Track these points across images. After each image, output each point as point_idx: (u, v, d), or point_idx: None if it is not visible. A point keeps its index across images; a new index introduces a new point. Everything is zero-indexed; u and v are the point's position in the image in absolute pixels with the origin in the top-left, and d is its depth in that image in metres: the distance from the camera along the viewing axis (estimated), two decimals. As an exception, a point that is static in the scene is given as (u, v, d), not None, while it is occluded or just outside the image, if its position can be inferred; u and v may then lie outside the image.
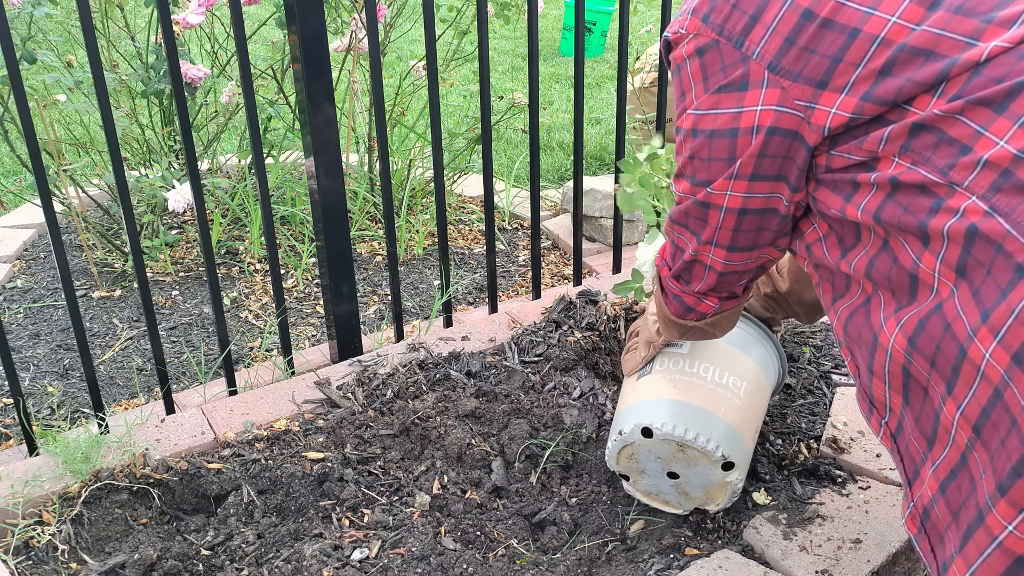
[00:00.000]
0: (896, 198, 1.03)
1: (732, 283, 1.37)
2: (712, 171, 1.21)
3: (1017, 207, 0.91)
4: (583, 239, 3.00)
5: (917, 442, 1.07)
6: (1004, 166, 0.93)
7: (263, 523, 1.65)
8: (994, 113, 0.95)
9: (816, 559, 1.54)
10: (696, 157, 1.22)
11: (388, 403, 1.89)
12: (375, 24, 1.90)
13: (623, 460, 1.62)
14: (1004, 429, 0.90)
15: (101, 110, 1.71)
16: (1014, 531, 0.89)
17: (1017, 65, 0.95)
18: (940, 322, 0.98)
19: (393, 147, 3.21)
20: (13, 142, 2.73)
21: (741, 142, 1.15)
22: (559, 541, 1.63)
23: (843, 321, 1.17)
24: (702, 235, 1.30)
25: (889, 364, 1.06)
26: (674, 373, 1.62)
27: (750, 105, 1.12)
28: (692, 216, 1.29)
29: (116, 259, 2.84)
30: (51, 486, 1.66)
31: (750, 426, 1.60)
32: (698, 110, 1.19)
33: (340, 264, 2.05)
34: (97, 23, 2.84)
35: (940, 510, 1.02)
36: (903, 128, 1.02)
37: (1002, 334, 0.90)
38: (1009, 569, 0.90)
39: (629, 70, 3.36)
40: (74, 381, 2.30)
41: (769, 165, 1.16)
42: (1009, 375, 0.89)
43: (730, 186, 1.20)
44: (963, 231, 0.95)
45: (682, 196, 1.28)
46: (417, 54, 5.28)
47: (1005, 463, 0.89)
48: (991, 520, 0.91)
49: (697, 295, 1.40)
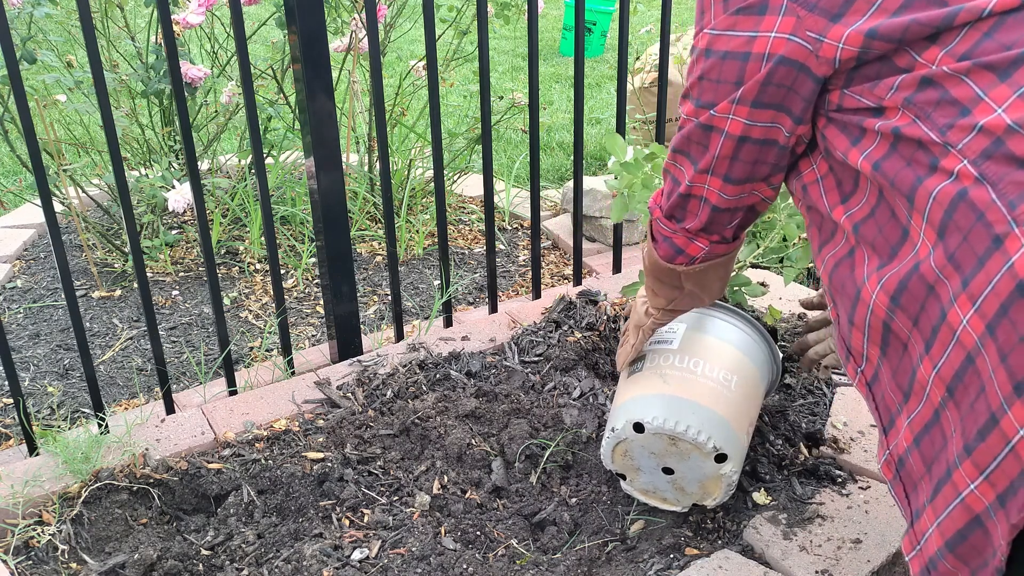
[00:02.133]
0: (898, 150, 1.04)
1: (724, 223, 1.35)
2: (718, 93, 1.20)
3: (1004, 177, 0.93)
4: (583, 239, 3.00)
5: (893, 393, 1.10)
6: (998, 134, 0.95)
7: (263, 523, 1.65)
8: (997, 79, 0.97)
9: (816, 559, 1.54)
10: (705, 78, 1.21)
11: (388, 403, 1.89)
12: (375, 24, 1.90)
13: (618, 458, 1.62)
14: (974, 393, 0.94)
15: (101, 110, 1.71)
16: (975, 490, 0.93)
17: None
18: (921, 284, 1.00)
19: (393, 147, 3.21)
20: (13, 142, 2.73)
21: (751, 67, 1.15)
22: (559, 541, 1.63)
23: (828, 270, 1.19)
24: (700, 162, 1.28)
25: (870, 318, 1.09)
26: (664, 369, 1.62)
27: (765, 31, 1.12)
28: (694, 141, 1.27)
29: (116, 259, 2.84)
30: (51, 486, 1.66)
31: (743, 419, 1.60)
32: (715, 30, 1.18)
33: (340, 264, 2.05)
34: (97, 23, 2.84)
35: (914, 461, 1.06)
36: (913, 80, 1.03)
37: (979, 303, 0.92)
38: (967, 525, 0.95)
39: (629, 70, 3.36)
40: (74, 381, 2.30)
41: (773, 94, 1.15)
42: (982, 343, 0.92)
43: (732, 110, 1.20)
44: (952, 194, 0.97)
45: (686, 119, 1.27)
46: (417, 54, 5.28)
47: (972, 425, 0.93)
48: (957, 477, 0.96)
49: (688, 234, 1.37)
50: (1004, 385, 0.89)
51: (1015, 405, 0.88)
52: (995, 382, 0.91)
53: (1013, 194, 0.92)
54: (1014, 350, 0.88)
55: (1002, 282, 0.90)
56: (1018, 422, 0.88)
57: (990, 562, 0.94)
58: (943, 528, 0.98)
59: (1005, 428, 0.89)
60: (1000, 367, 0.90)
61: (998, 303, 0.90)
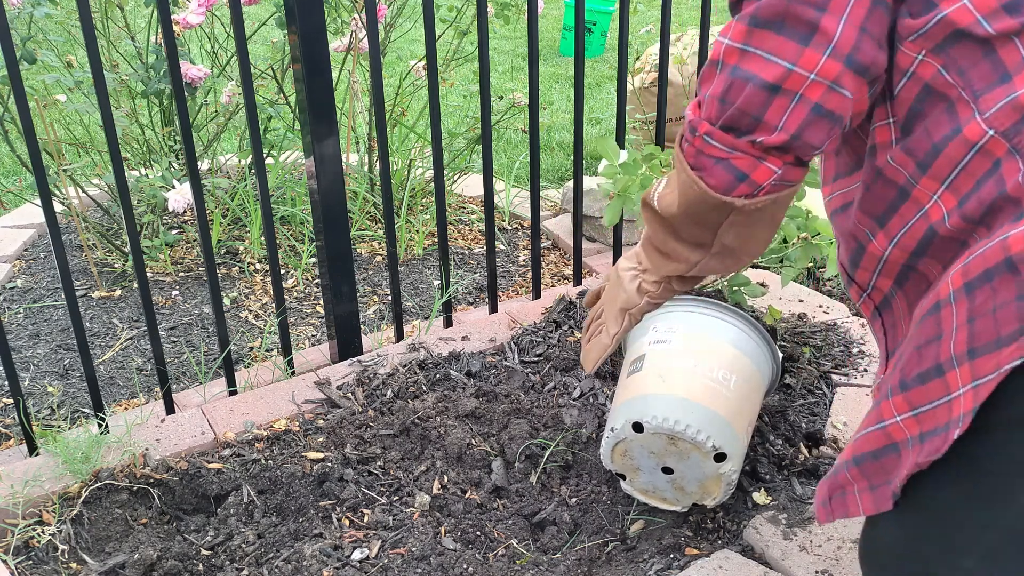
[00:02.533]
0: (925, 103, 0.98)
1: (818, 137, 1.01)
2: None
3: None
4: (583, 239, 3.00)
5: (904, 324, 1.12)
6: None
7: (263, 523, 1.65)
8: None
9: (816, 559, 1.54)
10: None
11: (388, 403, 1.89)
12: (375, 24, 1.90)
13: (617, 458, 1.62)
14: (925, 338, 0.96)
15: (101, 110, 1.71)
16: (900, 422, 0.98)
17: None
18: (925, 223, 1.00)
19: (393, 147, 3.21)
20: (13, 142, 2.73)
21: None
22: (559, 541, 1.63)
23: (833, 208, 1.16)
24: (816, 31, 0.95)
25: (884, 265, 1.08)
26: (663, 368, 1.62)
27: None
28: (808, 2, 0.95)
29: (116, 259, 2.84)
30: (51, 486, 1.66)
31: (742, 418, 1.60)
32: None
33: (340, 264, 2.05)
34: (97, 23, 2.84)
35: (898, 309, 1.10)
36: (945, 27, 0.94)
37: (967, 261, 0.93)
38: (884, 448, 1.01)
39: (629, 70, 3.36)
40: (74, 381, 2.30)
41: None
42: (955, 297, 0.93)
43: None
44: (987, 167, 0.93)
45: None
46: (417, 54, 5.28)
47: (915, 367, 0.97)
48: (885, 407, 1.00)
49: (758, 151, 1.03)
50: (960, 344, 0.91)
51: (963, 366, 0.91)
52: (953, 338, 0.92)
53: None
54: (983, 317, 0.89)
55: (993, 249, 0.90)
56: (962, 381, 0.91)
57: (893, 482, 1.00)
58: (857, 444, 1.04)
59: (950, 380, 0.92)
60: (965, 327, 0.91)
61: (983, 267, 0.90)
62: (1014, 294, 0.87)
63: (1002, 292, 0.88)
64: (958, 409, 0.92)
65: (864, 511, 1.05)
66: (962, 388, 0.91)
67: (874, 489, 1.03)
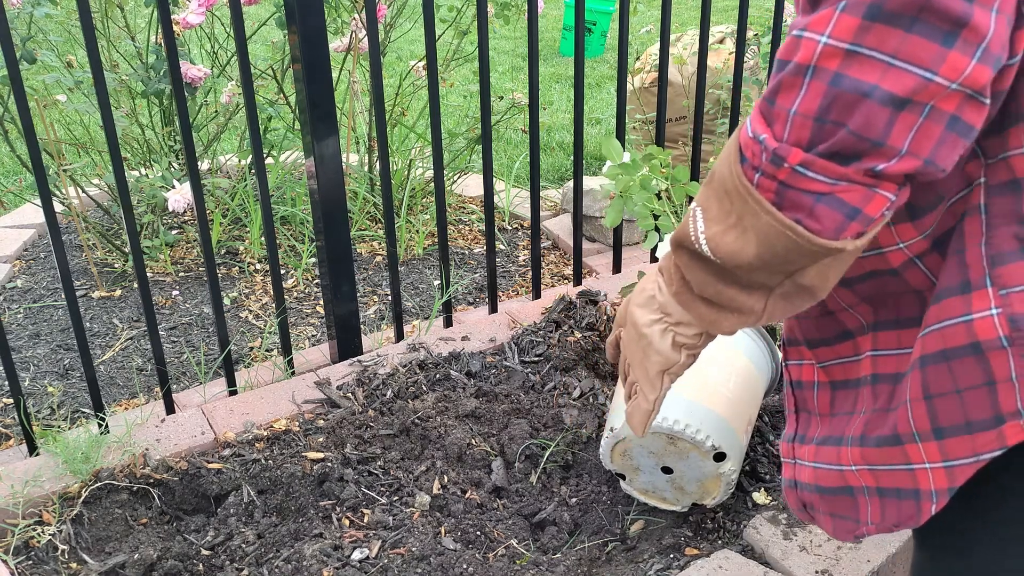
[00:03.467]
0: None
1: (951, 155, 0.77)
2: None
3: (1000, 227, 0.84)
4: (583, 239, 3.00)
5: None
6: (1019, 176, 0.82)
7: (263, 523, 1.65)
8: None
9: (816, 559, 1.54)
10: None
11: (388, 403, 1.89)
12: (375, 24, 1.90)
13: (617, 457, 1.62)
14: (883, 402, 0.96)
15: (101, 110, 1.71)
16: (855, 471, 0.98)
17: None
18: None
19: (393, 147, 3.21)
20: (13, 142, 2.73)
21: None
22: (559, 541, 1.63)
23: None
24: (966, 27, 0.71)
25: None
26: None
27: None
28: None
29: (116, 259, 2.84)
30: (51, 486, 1.66)
31: (741, 417, 1.60)
32: None
33: (340, 264, 2.05)
34: (97, 23, 2.84)
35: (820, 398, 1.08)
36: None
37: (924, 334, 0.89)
38: (840, 488, 1.01)
39: (629, 70, 3.36)
40: (74, 381, 2.30)
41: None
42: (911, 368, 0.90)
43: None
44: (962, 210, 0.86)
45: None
46: (417, 54, 5.28)
47: (875, 428, 0.95)
48: (843, 453, 0.99)
49: (873, 178, 0.77)
50: (921, 421, 0.89)
51: (930, 444, 0.89)
52: (910, 412, 0.90)
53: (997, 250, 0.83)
54: (943, 397, 0.86)
55: (954, 330, 0.85)
56: (927, 457, 0.90)
57: (849, 521, 1.01)
58: (819, 475, 1.03)
59: (909, 452, 0.91)
60: (920, 402, 0.88)
61: (941, 346, 0.86)
62: (978, 381, 0.84)
63: (963, 377, 0.84)
64: (927, 483, 0.91)
65: (827, 533, 1.08)
66: (928, 464, 0.90)
67: (834, 517, 1.04)
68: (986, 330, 0.82)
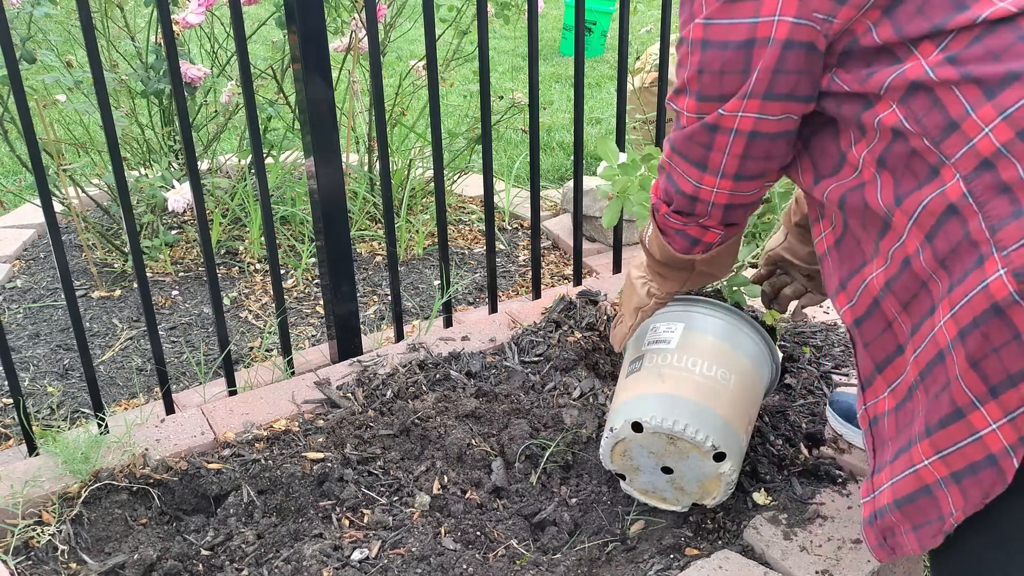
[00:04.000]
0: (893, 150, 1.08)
1: (740, 216, 1.34)
2: (724, 85, 1.16)
3: (989, 200, 0.99)
4: (583, 239, 3.00)
5: (868, 360, 1.22)
6: (986, 156, 0.99)
7: (263, 523, 1.65)
8: (984, 96, 1.00)
9: (816, 559, 1.54)
10: (706, 71, 1.17)
11: (388, 403, 1.89)
12: (375, 24, 1.90)
13: (617, 458, 1.62)
14: (939, 386, 1.05)
15: (101, 110, 1.71)
16: (928, 465, 1.07)
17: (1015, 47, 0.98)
18: (914, 279, 1.09)
19: (393, 147, 3.21)
20: (13, 142, 2.73)
21: (756, 53, 1.11)
22: (559, 541, 1.63)
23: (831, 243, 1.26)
24: (707, 165, 1.25)
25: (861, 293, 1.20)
26: (663, 368, 1.62)
27: (767, 15, 1.09)
28: (697, 142, 1.23)
29: (116, 259, 2.84)
30: (51, 486, 1.66)
31: (741, 417, 1.60)
32: (709, 19, 1.14)
33: (340, 264, 2.05)
34: (97, 23, 2.84)
35: (888, 424, 1.19)
36: (903, 82, 1.05)
37: (955, 311, 1.01)
38: (917, 491, 1.09)
39: (629, 70, 3.36)
40: (74, 381, 2.30)
41: (785, 83, 1.12)
42: (952, 345, 1.01)
43: (743, 106, 1.16)
44: (943, 207, 1.02)
45: (689, 117, 1.23)
46: (417, 54, 5.27)
47: (935, 414, 1.05)
48: (914, 451, 1.09)
49: (701, 226, 1.36)
50: (976, 386, 0.99)
51: (989, 404, 0.99)
52: (962, 382, 1.01)
53: (995, 219, 0.98)
54: (986, 358, 0.98)
55: (976, 299, 0.98)
56: (991, 418, 0.99)
57: (934, 522, 1.09)
58: (896, 488, 1.13)
59: (974, 421, 1.00)
60: (969, 371, 1.00)
61: (971, 316, 0.98)
62: (1008, 336, 0.96)
63: (994, 334, 0.97)
64: (998, 443, 0.99)
65: (913, 550, 1.13)
66: (994, 424, 0.98)
67: (917, 529, 1.11)
68: (999, 289, 0.96)
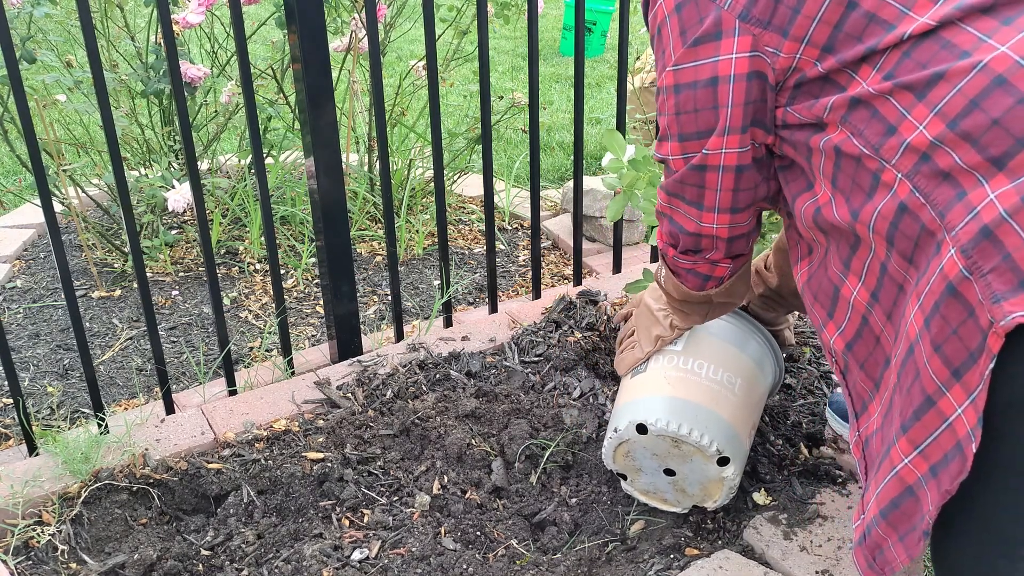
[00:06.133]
0: (841, 167, 1.13)
1: (744, 246, 1.42)
2: (699, 122, 1.25)
3: (934, 190, 1.02)
4: (583, 239, 3.00)
5: (864, 383, 1.23)
6: (923, 150, 1.03)
7: (263, 523, 1.65)
8: (915, 98, 1.05)
9: (816, 559, 1.54)
10: (682, 112, 1.27)
11: (388, 403, 1.89)
12: (375, 24, 1.90)
13: (619, 458, 1.62)
14: (911, 379, 1.06)
15: (101, 110, 1.71)
16: (909, 464, 1.06)
17: (939, 54, 1.05)
18: (892, 284, 1.11)
19: (393, 147, 3.21)
20: (13, 142, 2.73)
21: (722, 90, 1.21)
22: (559, 541, 1.63)
23: (805, 280, 1.30)
24: (703, 203, 1.33)
25: (850, 314, 1.20)
26: (668, 370, 1.62)
27: (726, 53, 1.19)
28: (689, 183, 1.32)
29: (116, 259, 2.84)
30: (51, 486, 1.65)
31: (746, 422, 1.60)
32: (677, 65, 1.24)
33: (340, 264, 2.05)
34: (97, 23, 2.84)
35: (876, 442, 1.18)
36: (845, 100, 1.11)
37: (921, 300, 1.03)
38: (900, 494, 1.08)
39: (629, 70, 3.36)
40: (74, 381, 2.30)
41: (755, 111, 1.22)
42: (920, 335, 1.03)
43: (724, 143, 1.25)
44: (894, 208, 1.06)
45: (676, 160, 1.32)
46: (417, 54, 5.27)
47: (908, 407, 1.06)
48: (893, 452, 1.09)
49: (711, 262, 1.44)
50: (940, 371, 1.00)
51: (954, 388, 0.99)
52: (929, 369, 1.02)
53: (942, 204, 1.01)
54: (947, 341, 0.99)
55: (935, 283, 1.00)
56: (956, 402, 0.99)
57: (918, 526, 1.07)
58: (880, 498, 1.12)
59: (943, 408, 1.00)
60: (934, 356, 1.01)
61: (933, 300, 1.01)
62: (964, 314, 0.98)
63: (951, 315, 0.99)
64: (963, 427, 0.99)
65: (902, 562, 1.13)
66: (959, 408, 0.99)
67: (903, 539, 1.10)
68: (951, 268, 0.99)
